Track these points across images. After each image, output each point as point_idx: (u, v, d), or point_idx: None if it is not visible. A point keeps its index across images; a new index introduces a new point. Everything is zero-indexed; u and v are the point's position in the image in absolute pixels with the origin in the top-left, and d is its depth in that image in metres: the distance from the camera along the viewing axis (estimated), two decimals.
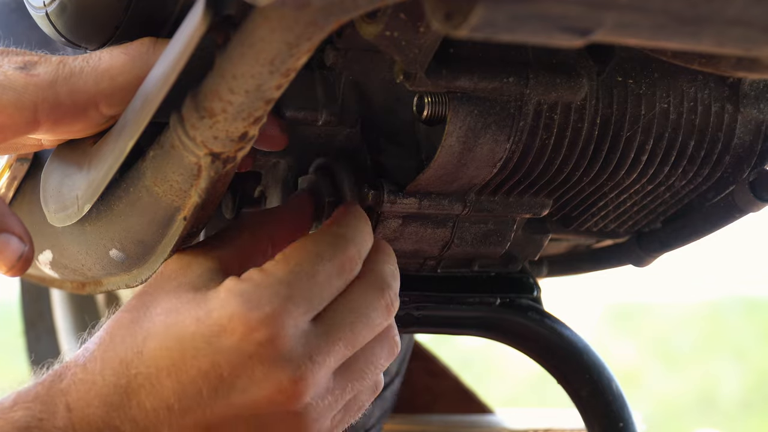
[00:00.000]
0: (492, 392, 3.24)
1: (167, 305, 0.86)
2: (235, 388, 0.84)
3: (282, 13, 0.77)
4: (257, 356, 0.84)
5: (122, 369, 0.85)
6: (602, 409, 1.07)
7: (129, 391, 0.84)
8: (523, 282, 1.07)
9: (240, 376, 0.84)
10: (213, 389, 0.84)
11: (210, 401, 0.84)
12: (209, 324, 0.84)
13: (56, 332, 1.77)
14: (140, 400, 0.84)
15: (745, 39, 0.71)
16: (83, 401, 0.84)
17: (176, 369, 0.84)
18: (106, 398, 0.84)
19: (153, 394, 0.84)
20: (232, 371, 0.84)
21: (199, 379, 0.84)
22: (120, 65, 0.88)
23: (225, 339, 0.84)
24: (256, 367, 0.84)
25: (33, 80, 0.88)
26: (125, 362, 0.85)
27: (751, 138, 0.98)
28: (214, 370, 0.84)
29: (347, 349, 0.87)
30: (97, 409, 0.84)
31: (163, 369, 0.84)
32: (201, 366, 0.84)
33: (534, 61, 0.90)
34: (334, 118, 0.96)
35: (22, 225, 0.93)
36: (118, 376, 0.84)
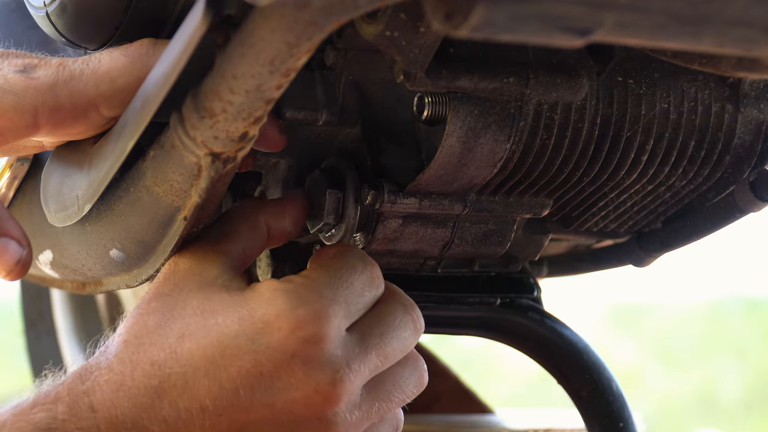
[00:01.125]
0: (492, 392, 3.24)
1: (200, 306, 0.85)
2: (274, 388, 0.84)
3: (282, 13, 0.77)
4: (300, 355, 0.84)
5: (154, 370, 0.84)
6: (602, 409, 1.07)
7: (161, 392, 0.83)
8: (524, 282, 1.07)
9: (280, 376, 0.84)
10: (251, 389, 0.84)
11: (246, 402, 0.84)
12: (253, 322, 0.84)
13: (56, 332, 1.77)
14: (172, 399, 0.83)
15: (745, 39, 0.71)
16: (109, 402, 0.83)
17: (215, 368, 0.84)
18: (135, 399, 0.83)
19: (187, 394, 0.84)
20: (274, 370, 0.84)
21: (239, 378, 0.84)
22: (120, 67, 0.88)
23: (270, 336, 0.84)
24: (298, 366, 0.84)
25: (33, 83, 0.88)
26: (157, 363, 0.84)
27: (751, 138, 0.98)
28: (256, 368, 0.84)
29: (379, 360, 0.87)
30: (126, 409, 0.83)
31: (200, 368, 0.84)
32: (242, 365, 0.84)
33: (534, 61, 0.90)
34: (334, 118, 0.96)
35: (20, 229, 0.93)
36: (150, 377, 0.84)
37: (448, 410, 1.53)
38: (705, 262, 4.85)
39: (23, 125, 0.89)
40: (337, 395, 0.84)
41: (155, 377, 0.84)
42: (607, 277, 3.91)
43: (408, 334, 0.90)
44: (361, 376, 0.86)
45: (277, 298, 0.85)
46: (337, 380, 0.84)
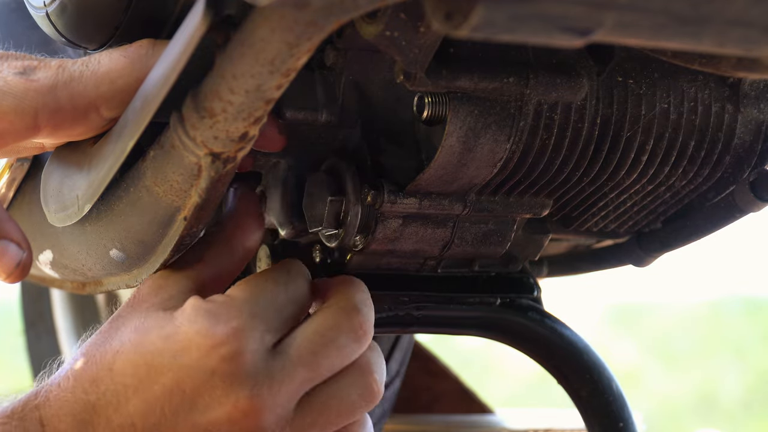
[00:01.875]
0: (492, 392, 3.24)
1: (137, 324, 0.87)
2: (196, 407, 0.85)
3: (282, 13, 0.77)
4: (219, 372, 0.85)
5: (93, 387, 0.86)
6: (602, 409, 1.07)
7: (98, 408, 0.85)
8: (524, 282, 1.07)
9: (201, 394, 0.85)
10: (174, 408, 0.85)
11: (171, 421, 0.85)
12: (176, 340, 0.85)
13: (56, 332, 1.77)
14: (108, 416, 0.85)
15: (745, 39, 0.71)
16: (56, 417, 0.85)
17: (142, 386, 0.85)
18: (77, 415, 0.85)
19: (119, 411, 0.85)
20: (195, 388, 0.85)
21: (163, 396, 0.85)
22: (119, 68, 0.88)
23: (190, 354, 0.85)
24: (217, 384, 0.85)
25: (33, 86, 0.88)
26: (96, 380, 0.86)
27: (751, 138, 0.98)
28: (178, 386, 0.85)
29: (309, 372, 0.87)
30: (69, 425, 0.85)
31: (129, 386, 0.85)
32: (165, 383, 0.85)
33: (534, 61, 0.90)
34: (334, 118, 0.96)
35: (20, 231, 0.93)
36: (88, 393, 0.86)
37: (448, 410, 1.53)
38: (705, 262, 4.85)
39: (23, 127, 0.89)
40: (257, 410, 0.85)
41: (93, 394, 0.86)
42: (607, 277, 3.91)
43: (345, 341, 0.88)
44: (287, 390, 0.86)
45: (198, 315, 0.85)
46: (255, 395, 0.85)
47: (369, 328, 0.89)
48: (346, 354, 0.88)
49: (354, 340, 0.89)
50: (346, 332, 0.88)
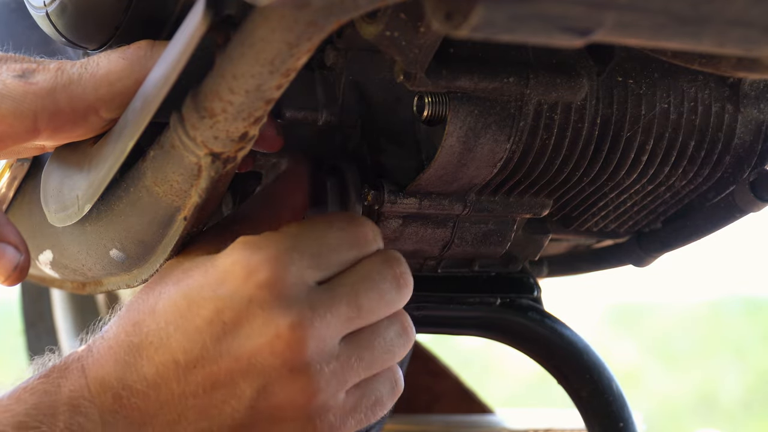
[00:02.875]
0: (492, 392, 3.24)
1: (180, 270, 0.87)
2: (238, 336, 0.84)
3: (282, 13, 0.77)
4: (257, 300, 0.84)
5: (135, 329, 0.86)
6: (602, 409, 1.07)
7: (140, 349, 0.85)
8: (524, 282, 1.07)
9: (242, 323, 0.84)
10: (216, 339, 0.84)
11: (215, 353, 0.84)
12: (216, 272, 0.85)
13: (56, 332, 1.77)
14: (150, 355, 0.85)
15: (745, 39, 0.71)
16: (98, 364, 0.86)
17: (183, 320, 0.85)
18: (118, 357, 0.85)
19: (162, 349, 0.85)
20: (235, 317, 0.84)
21: (204, 328, 0.85)
22: (118, 70, 0.88)
23: (228, 284, 0.85)
24: (256, 311, 0.84)
25: (32, 89, 0.88)
26: (138, 323, 0.86)
27: (751, 138, 0.98)
28: (218, 317, 0.84)
29: (351, 310, 0.86)
30: (111, 368, 0.85)
31: (171, 323, 0.85)
32: (206, 314, 0.85)
33: (534, 61, 0.90)
34: (334, 118, 0.96)
35: (18, 234, 0.93)
36: (131, 336, 0.86)
37: (448, 410, 1.53)
38: (705, 262, 4.85)
39: (23, 130, 0.89)
40: (300, 339, 0.84)
41: (136, 335, 0.86)
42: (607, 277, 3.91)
43: (388, 286, 0.88)
44: (329, 324, 0.85)
45: (238, 247, 0.86)
46: (297, 324, 0.84)
47: (409, 280, 0.90)
48: (387, 300, 0.89)
49: (396, 288, 0.89)
50: (389, 279, 0.89)
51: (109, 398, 0.85)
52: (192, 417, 0.85)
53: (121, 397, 0.85)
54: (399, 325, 0.90)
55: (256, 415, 0.85)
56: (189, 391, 0.85)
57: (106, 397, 0.85)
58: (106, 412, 0.85)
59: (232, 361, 0.85)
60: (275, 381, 0.85)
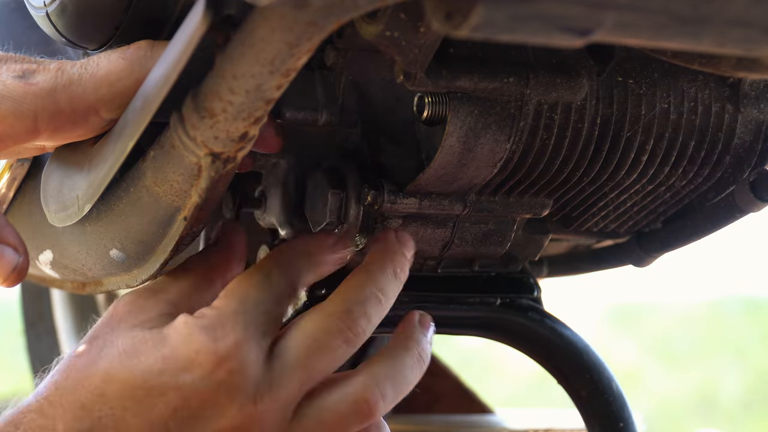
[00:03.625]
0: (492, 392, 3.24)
1: (124, 345, 0.86)
2: (202, 420, 0.85)
3: (282, 13, 0.77)
4: (225, 386, 0.85)
5: (84, 413, 0.84)
6: (602, 409, 1.07)
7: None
8: (524, 282, 1.07)
9: (207, 407, 0.85)
10: (181, 424, 0.84)
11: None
12: (176, 359, 0.85)
13: (56, 332, 1.77)
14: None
15: (745, 39, 0.71)
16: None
17: (143, 408, 0.84)
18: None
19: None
20: (201, 403, 0.84)
21: (168, 415, 0.84)
22: (118, 71, 0.88)
23: (193, 373, 0.84)
24: (222, 398, 0.85)
25: (32, 89, 0.88)
26: (86, 406, 0.84)
27: (751, 138, 0.98)
28: (184, 403, 0.84)
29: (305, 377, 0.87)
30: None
31: (129, 409, 0.84)
32: (170, 401, 0.84)
33: (534, 61, 0.90)
34: (334, 118, 0.96)
35: (17, 235, 0.93)
36: (81, 421, 0.84)
37: (448, 410, 1.53)
38: (705, 262, 4.85)
39: (23, 131, 0.89)
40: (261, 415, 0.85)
41: (86, 420, 0.84)
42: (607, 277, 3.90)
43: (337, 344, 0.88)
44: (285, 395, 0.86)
45: (194, 333, 0.85)
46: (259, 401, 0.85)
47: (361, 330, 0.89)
48: (338, 356, 0.88)
49: (345, 343, 0.89)
50: (336, 336, 0.88)
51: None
52: None
53: None
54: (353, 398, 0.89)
55: None
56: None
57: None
58: None
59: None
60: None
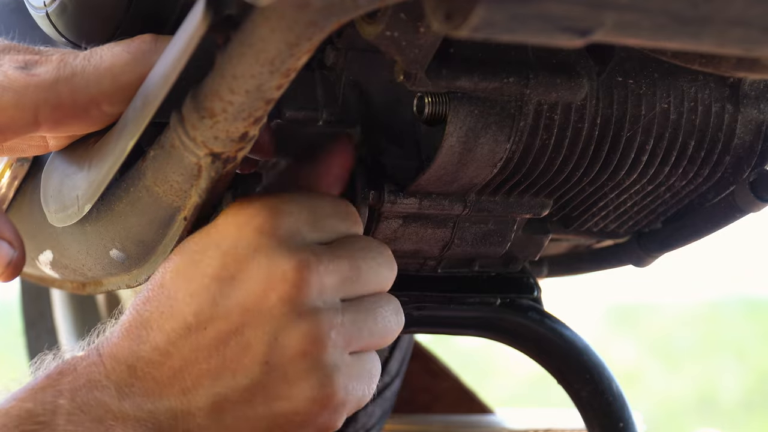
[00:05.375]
0: (492, 392, 3.24)
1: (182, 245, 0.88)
2: (244, 285, 0.85)
3: (282, 14, 0.77)
4: (260, 247, 0.85)
5: (146, 305, 0.87)
6: (602, 410, 1.07)
7: (151, 321, 0.86)
8: (524, 282, 1.07)
9: (247, 270, 0.85)
10: (225, 292, 0.85)
11: (224, 308, 0.85)
12: (215, 231, 0.86)
13: (56, 332, 1.77)
14: (161, 325, 0.86)
15: (745, 39, 0.71)
16: (111, 343, 0.86)
17: (190, 283, 0.86)
18: (131, 332, 0.86)
19: (172, 316, 0.86)
20: (239, 266, 0.85)
21: (211, 285, 0.85)
22: (122, 64, 0.88)
23: (228, 237, 0.86)
24: (260, 258, 0.85)
25: (33, 80, 0.88)
26: (149, 299, 0.87)
27: (751, 138, 0.98)
28: (224, 270, 0.85)
29: (352, 272, 0.87)
30: (124, 343, 0.86)
31: (180, 289, 0.86)
32: (211, 271, 0.85)
33: (534, 61, 0.90)
34: (334, 118, 0.96)
35: (13, 230, 0.93)
36: (142, 312, 0.87)
37: (448, 410, 1.53)
38: (705, 262, 4.86)
39: (24, 122, 0.89)
40: (305, 280, 0.84)
41: (146, 310, 0.87)
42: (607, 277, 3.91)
43: (383, 262, 0.90)
44: (332, 274, 0.86)
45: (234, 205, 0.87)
46: (301, 266, 0.85)
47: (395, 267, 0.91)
48: (382, 276, 0.89)
49: (389, 268, 0.90)
50: (385, 257, 0.90)
51: (123, 371, 0.85)
52: (206, 382, 0.85)
53: (136, 369, 0.85)
54: (395, 305, 0.91)
55: (270, 372, 0.85)
56: (201, 356, 0.85)
57: (121, 371, 0.85)
58: (123, 386, 0.85)
59: (241, 312, 0.85)
60: (285, 328, 0.85)
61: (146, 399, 0.85)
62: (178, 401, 0.85)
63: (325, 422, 0.87)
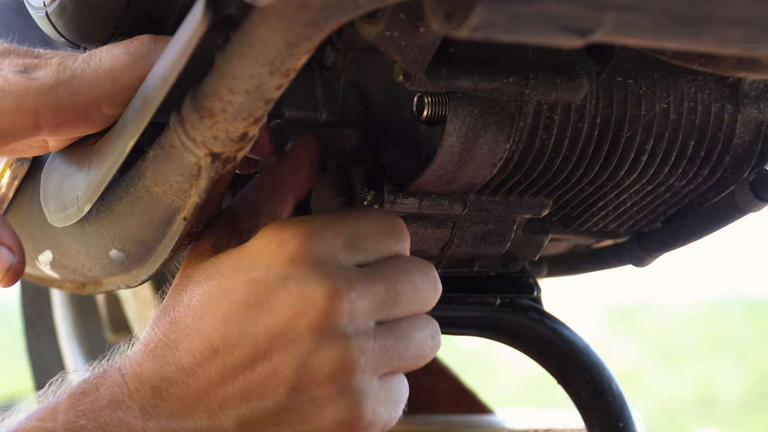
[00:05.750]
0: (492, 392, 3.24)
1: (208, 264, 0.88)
2: (274, 313, 0.84)
3: (282, 14, 0.77)
4: (292, 275, 0.84)
5: (172, 327, 0.86)
6: (602, 409, 1.07)
7: (177, 342, 0.86)
8: (524, 282, 1.07)
9: (276, 298, 0.84)
10: (253, 319, 0.85)
11: (252, 333, 0.85)
12: (248, 257, 0.86)
13: (56, 332, 1.77)
14: (187, 347, 0.85)
15: (745, 39, 0.71)
16: (135, 362, 0.86)
17: (218, 308, 0.85)
18: (156, 353, 0.86)
19: (198, 337, 0.85)
20: (269, 294, 0.84)
21: (240, 311, 0.85)
22: (121, 66, 0.88)
23: (260, 263, 0.85)
24: (291, 286, 0.84)
25: (33, 84, 0.88)
26: (175, 320, 0.86)
27: (751, 138, 0.98)
28: (253, 297, 0.85)
29: (389, 296, 0.86)
30: (149, 364, 0.85)
31: (207, 313, 0.85)
32: (240, 297, 0.85)
33: (534, 61, 0.90)
34: (334, 118, 0.96)
35: (13, 235, 0.92)
36: (168, 333, 0.86)
37: (448, 410, 1.53)
38: (705, 262, 4.86)
39: (24, 127, 0.89)
40: (336, 309, 0.84)
41: (173, 332, 0.86)
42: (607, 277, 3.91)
43: (425, 284, 0.89)
44: (365, 300, 0.85)
45: (269, 229, 0.86)
46: (333, 294, 0.84)
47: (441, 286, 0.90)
48: (423, 298, 0.89)
49: (432, 289, 0.89)
50: (428, 277, 0.89)
51: (148, 392, 0.85)
52: (233, 404, 0.85)
53: (161, 390, 0.85)
54: (432, 328, 0.90)
55: (297, 396, 0.85)
56: (228, 377, 0.85)
57: (145, 391, 0.85)
58: (147, 406, 0.85)
59: (270, 338, 0.84)
60: (313, 354, 0.84)
61: (171, 420, 0.85)
62: (203, 422, 0.85)
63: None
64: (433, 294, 0.89)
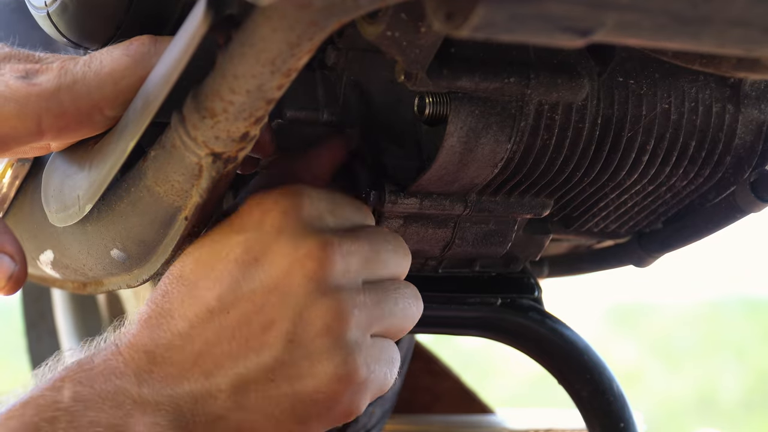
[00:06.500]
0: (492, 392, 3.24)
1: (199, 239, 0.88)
2: (268, 266, 0.85)
3: (283, 13, 0.77)
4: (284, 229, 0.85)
5: (165, 297, 0.87)
6: (603, 410, 1.07)
7: (171, 310, 0.86)
8: (524, 282, 1.07)
9: (270, 251, 0.85)
10: (248, 275, 0.85)
11: (247, 290, 0.85)
12: (239, 218, 0.87)
13: (57, 332, 1.77)
14: (182, 313, 0.86)
15: (746, 39, 0.71)
16: (129, 334, 0.87)
17: (211, 269, 0.86)
18: (150, 322, 0.86)
19: (193, 303, 0.86)
20: (263, 248, 0.85)
21: (234, 269, 0.85)
22: (122, 68, 0.88)
23: (253, 220, 0.86)
24: (285, 239, 0.85)
25: (35, 90, 0.88)
26: (168, 291, 0.87)
27: (752, 138, 0.99)
28: (248, 254, 0.85)
29: (372, 254, 0.88)
30: (143, 333, 0.86)
31: (201, 277, 0.86)
32: (236, 256, 0.85)
33: (535, 61, 0.90)
34: (335, 118, 0.96)
35: (15, 243, 0.92)
36: (161, 303, 0.87)
37: (448, 410, 1.53)
38: (705, 262, 4.85)
39: (27, 132, 0.89)
40: (330, 258, 0.85)
41: (166, 302, 0.86)
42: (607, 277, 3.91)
43: (399, 250, 0.90)
44: (354, 254, 0.86)
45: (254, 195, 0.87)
46: (326, 244, 0.85)
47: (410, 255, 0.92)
48: (398, 262, 0.90)
49: (403, 256, 0.90)
50: (399, 245, 0.90)
51: (142, 358, 0.85)
52: (228, 363, 0.85)
53: (155, 355, 0.85)
54: (413, 290, 0.91)
55: (294, 349, 0.85)
56: (224, 338, 0.85)
57: (140, 358, 0.85)
58: (141, 372, 0.85)
59: (266, 292, 0.85)
60: (309, 305, 0.85)
61: (166, 384, 0.85)
62: (198, 384, 0.85)
63: (348, 402, 0.86)
64: (406, 260, 0.91)
